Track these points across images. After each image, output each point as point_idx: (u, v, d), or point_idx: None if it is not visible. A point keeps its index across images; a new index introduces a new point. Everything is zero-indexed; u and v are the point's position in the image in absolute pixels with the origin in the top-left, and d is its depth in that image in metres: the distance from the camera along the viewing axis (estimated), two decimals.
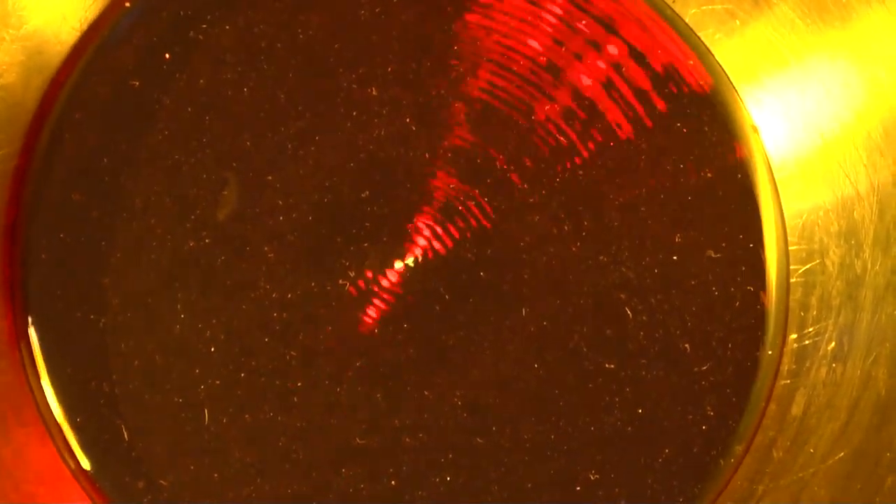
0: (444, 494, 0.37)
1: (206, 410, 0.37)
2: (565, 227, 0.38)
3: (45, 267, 0.37)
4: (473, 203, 0.38)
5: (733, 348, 0.38)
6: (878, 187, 0.39)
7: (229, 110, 0.38)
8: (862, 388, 0.39)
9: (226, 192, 0.37)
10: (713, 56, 0.39)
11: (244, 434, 0.37)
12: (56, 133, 0.38)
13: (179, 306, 0.37)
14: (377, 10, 0.38)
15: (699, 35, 0.39)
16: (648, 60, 0.38)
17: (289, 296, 0.37)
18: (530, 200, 0.38)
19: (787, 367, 0.39)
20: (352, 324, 0.37)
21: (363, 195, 0.38)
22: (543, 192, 0.38)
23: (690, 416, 0.38)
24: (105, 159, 0.37)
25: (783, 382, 0.39)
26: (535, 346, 0.37)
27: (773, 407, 0.39)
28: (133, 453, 0.37)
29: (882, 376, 0.39)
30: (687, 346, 0.38)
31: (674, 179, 0.38)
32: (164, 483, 0.37)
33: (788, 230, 0.39)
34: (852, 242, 0.39)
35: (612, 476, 0.37)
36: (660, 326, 0.38)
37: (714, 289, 0.38)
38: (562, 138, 0.38)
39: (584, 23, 0.38)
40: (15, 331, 0.38)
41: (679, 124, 0.38)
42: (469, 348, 0.38)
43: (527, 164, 0.38)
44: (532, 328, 0.38)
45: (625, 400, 0.37)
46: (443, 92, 0.38)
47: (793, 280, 0.39)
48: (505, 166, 0.38)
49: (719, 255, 0.38)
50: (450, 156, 0.38)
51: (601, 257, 0.38)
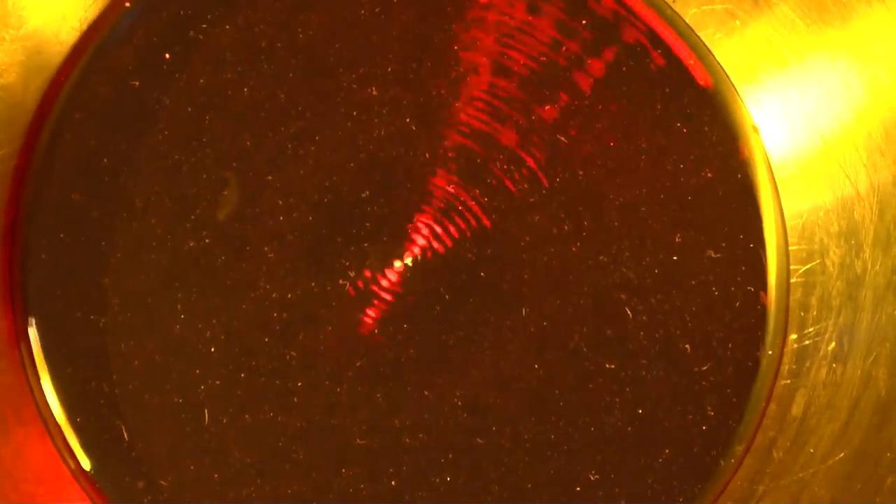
0: (444, 494, 0.37)
1: (206, 410, 0.37)
2: (565, 227, 0.38)
3: (45, 267, 0.37)
4: (473, 203, 0.38)
5: (733, 348, 0.38)
6: (878, 187, 0.39)
7: (229, 110, 0.38)
8: (862, 389, 0.39)
9: (226, 192, 0.37)
10: (713, 56, 0.39)
11: (244, 434, 0.37)
12: (56, 133, 0.38)
13: (179, 306, 0.37)
14: (377, 10, 0.38)
15: (699, 35, 0.39)
16: (648, 60, 0.38)
17: (289, 296, 0.37)
18: (530, 200, 0.38)
19: (787, 368, 0.39)
20: (352, 324, 0.37)
21: (363, 195, 0.38)
22: (543, 192, 0.38)
23: (691, 417, 0.38)
24: (105, 159, 0.37)
25: (783, 382, 0.39)
26: (535, 346, 0.37)
27: (773, 407, 0.39)
28: (133, 453, 0.37)
29: (882, 376, 0.39)
30: (687, 346, 0.38)
31: (674, 179, 0.38)
32: (164, 483, 0.37)
33: (788, 230, 0.39)
34: (852, 242, 0.39)
35: (613, 476, 0.37)
36: (660, 326, 0.38)
37: (714, 289, 0.38)
38: (562, 138, 0.38)
39: (584, 23, 0.38)
40: (15, 331, 0.38)
41: (679, 124, 0.38)
42: (469, 348, 0.37)
43: (527, 163, 0.38)
44: (532, 328, 0.37)
45: (625, 400, 0.37)
46: (443, 92, 0.38)
47: (793, 280, 0.39)
48: (505, 166, 0.38)
49: (719, 255, 0.38)
50: (450, 156, 0.38)
51: (601, 257, 0.38)
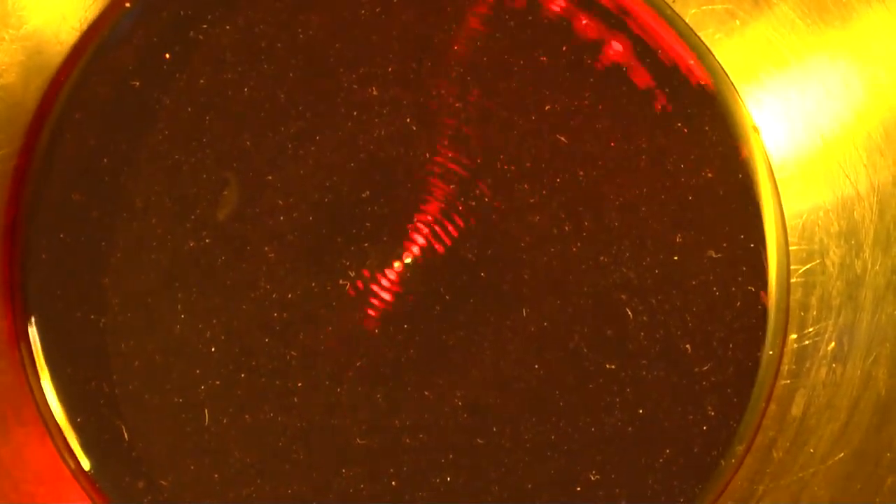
0: (444, 494, 0.37)
1: (206, 410, 0.37)
2: (565, 227, 0.38)
3: (45, 267, 0.37)
4: (474, 203, 0.38)
5: (734, 348, 0.38)
6: (878, 187, 0.39)
7: (229, 110, 0.38)
8: (862, 389, 0.39)
9: (226, 192, 0.37)
10: (713, 56, 0.39)
11: (244, 434, 0.37)
12: (56, 133, 0.38)
13: (179, 306, 0.37)
14: (377, 10, 0.38)
15: (699, 35, 0.39)
16: (648, 60, 0.38)
17: (289, 296, 0.37)
18: (530, 200, 0.38)
19: (787, 368, 0.39)
20: (352, 324, 0.37)
21: (363, 195, 0.38)
22: (543, 192, 0.38)
23: (691, 417, 0.38)
24: (105, 159, 0.37)
25: (783, 382, 0.39)
26: (535, 346, 0.37)
27: (773, 407, 0.39)
28: (133, 453, 0.37)
29: (882, 376, 0.39)
30: (687, 346, 0.38)
31: (674, 179, 0.38)
32: (164, 483, 0.37)
33: (789, 230, 0.39)
34: (852, 242, 0.39)
35: (613, 476, 0.37)
36: (660, 327, 0.38)
37: (714, 289, 0.38)
38: (562, 138, 0.38)
39: (584, 22, 0.38)
40: (15, 331, 0.38)
41: (679, 124, 0.38)
42: (469, 348, 0.37)
43: (527, 164, 0.38)
44: (532, 328, 0.37)
45: (625, 400, 0.37)
46: (443, 92, 0.38)
47: (793, 280, 0.39)
48: (505, 166, 0.38)
49: (720, 255, 0.38)
50: (450, 156, 0.38)
51: (601, 257, 0.38)
